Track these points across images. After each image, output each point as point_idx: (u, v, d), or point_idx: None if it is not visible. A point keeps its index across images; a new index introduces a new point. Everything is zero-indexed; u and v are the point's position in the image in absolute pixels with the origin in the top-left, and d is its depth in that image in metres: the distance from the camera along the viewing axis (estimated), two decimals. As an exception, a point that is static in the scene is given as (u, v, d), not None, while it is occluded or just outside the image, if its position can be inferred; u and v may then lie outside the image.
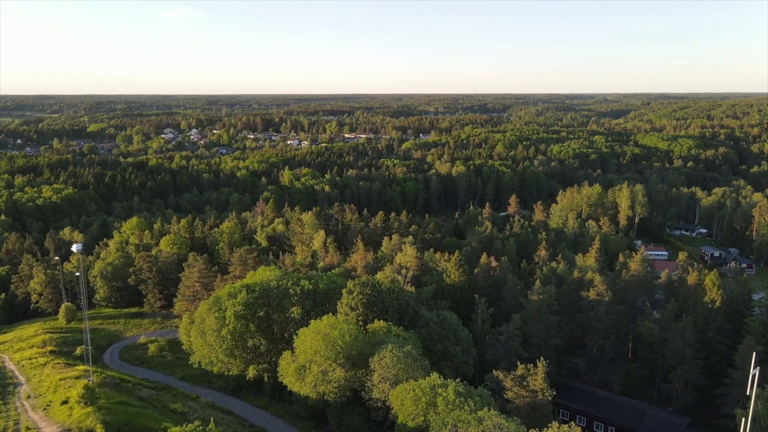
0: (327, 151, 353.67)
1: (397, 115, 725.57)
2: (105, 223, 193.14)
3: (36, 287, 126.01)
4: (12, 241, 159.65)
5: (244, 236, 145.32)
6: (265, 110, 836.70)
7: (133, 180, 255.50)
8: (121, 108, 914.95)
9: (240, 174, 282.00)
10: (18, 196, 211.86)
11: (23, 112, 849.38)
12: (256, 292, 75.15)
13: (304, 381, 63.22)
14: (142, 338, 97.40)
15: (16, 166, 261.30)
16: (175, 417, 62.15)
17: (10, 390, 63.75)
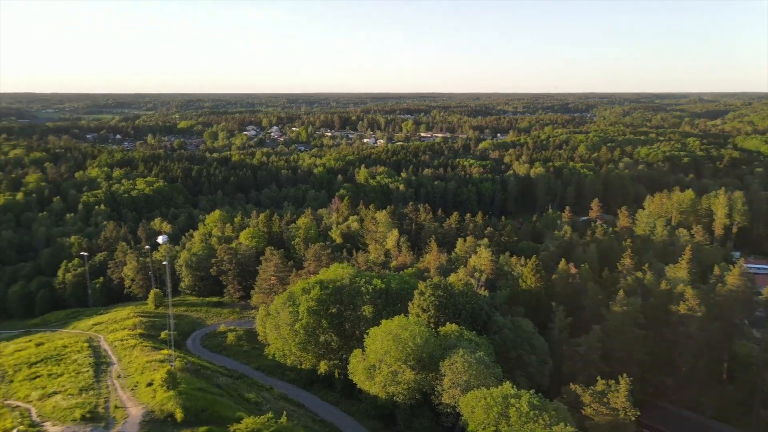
0: (402, 150, 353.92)
1: (475, 114, 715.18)
2: (191, 215, 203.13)
3: (129, 273, 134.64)
4: (110, 230, 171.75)
5: (319, 233, 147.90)
6: (342, 108, 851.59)
7: (217, 175, 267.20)
8: (208, 106, 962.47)
9: (317, 171, 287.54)
10: (116, 188, 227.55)
11: (122, 110, 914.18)
12: (329, 289, 75.93)
13: (373, 380, 63.07)
14: (222, 327, 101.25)
15: (114, 159, 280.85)
16: (249, 406, 63.89)
17: (104, 369, 67.93)
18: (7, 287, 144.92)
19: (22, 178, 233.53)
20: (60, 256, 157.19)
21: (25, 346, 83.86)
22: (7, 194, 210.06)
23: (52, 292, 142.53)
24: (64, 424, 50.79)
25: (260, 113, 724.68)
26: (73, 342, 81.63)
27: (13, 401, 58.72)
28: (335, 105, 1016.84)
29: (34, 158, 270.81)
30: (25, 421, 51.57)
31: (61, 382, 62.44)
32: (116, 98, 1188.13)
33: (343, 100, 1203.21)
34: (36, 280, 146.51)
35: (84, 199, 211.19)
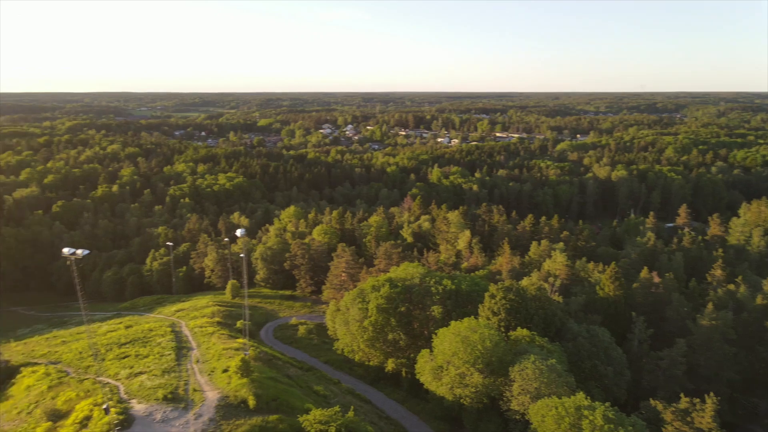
0: (477, 150, 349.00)
1: (553, 114, 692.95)
2: (267, 210, 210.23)
3: (209, 264, 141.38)
4: (193, 222, 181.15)
5: (390, 231, 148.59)
6: (417, 107, 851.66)
7: (293, 172, 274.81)
8: (286, 104, 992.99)
9: (390, 170, 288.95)
10: (199, 182, 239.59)
11: (207, 108, 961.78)
12: (398, 288, 76.05)
13: (440, 381, 62.52)
14: (293, 320, 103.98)
15: (199, 155, 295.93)
16: (317, 398, 65.16)
17: (184, 353, 71.62)
18: (102, 272, 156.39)
19: (118, 172, 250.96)
20: (148, 245, 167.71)
21: (116, 328, 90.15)
22: (104, 186, 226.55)
23: (140, 279, 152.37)
24: (148, 403, 54.00)
25: (336, 111, 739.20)
26: (157, 326, 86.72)
27: (105, 378, 63.18)
28: (410, 104, 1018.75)
29: (128, 153, 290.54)
30: (114, 398, 55.31)
31: (146, 363, 66.47)
32: (202, 97, 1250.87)
33: (418, 99, 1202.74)
34: (127, 267, 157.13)
35: (171, 192, 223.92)
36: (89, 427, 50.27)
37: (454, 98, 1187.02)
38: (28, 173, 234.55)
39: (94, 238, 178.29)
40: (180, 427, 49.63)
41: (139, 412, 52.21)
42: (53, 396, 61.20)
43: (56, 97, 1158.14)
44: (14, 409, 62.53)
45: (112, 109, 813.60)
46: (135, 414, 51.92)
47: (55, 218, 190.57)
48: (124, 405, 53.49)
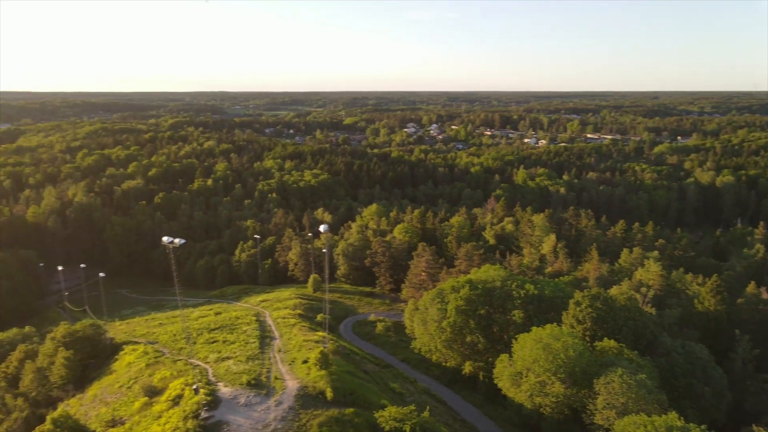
0: (566, 151, 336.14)
1: (651, 114, 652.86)
2: (350, 207, 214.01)
3: (293, 257, 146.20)
4: (279, 216, 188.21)
5: (472, 232, 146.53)
6: (504, 107, 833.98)
7: (376, 170, 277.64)
8: (372, 103, 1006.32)
9: (474, 170, 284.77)
10: (286, 178, 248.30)
11: (296, 107, 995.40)
12: (479, 290, 74.77)
13: (519, 388, 60.75)
14: (372, 316, 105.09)
15: (287, 152, 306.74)
16: (393, 396, 65.42)
17: (267, 342, 74.43)
18: (196, 261, 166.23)
19: (213, 167, 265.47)
20: (238, 237, 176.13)
21: (206, 314, 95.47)
22: (200, 180, 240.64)
23: (230, 269, 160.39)
24: (233, 387, 56.61)
25: (421, 111, 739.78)
26: (244, 315, 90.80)
27: (195, 360, 67.01)
28: (497, 104, 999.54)
29: (222, 149, 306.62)
30: (203, 379, 58.48)
31: (232, 349, 69.76)
32: (292, 96, 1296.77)
33: (505, 98, 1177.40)
34: (218, 257, 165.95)
35: (259, 187, 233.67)
36: (180, 404, 53.50)
37: (542, 98, 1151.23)
38: (135, 166, 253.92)
39: (190, 229, 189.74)
40: (261, 412, 51.58)
41: (224, 395, 54.84)
42: (150, 373, 65.81)
43: (161, 96, 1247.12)
44: (116, 383, 67.91)
45: (209, 108, 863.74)
46: (221, 396, 54.59)
47: (157, 209, 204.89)
48: (211, 387, 56.39)
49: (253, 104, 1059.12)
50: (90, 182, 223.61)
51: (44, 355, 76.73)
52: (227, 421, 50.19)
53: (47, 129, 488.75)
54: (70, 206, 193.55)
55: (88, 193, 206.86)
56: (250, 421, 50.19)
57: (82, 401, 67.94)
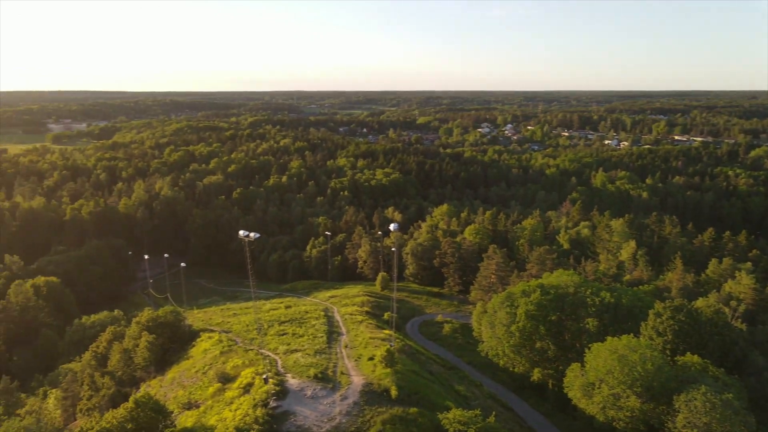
0: (650, 154, 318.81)
1: (748, 115, 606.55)
2: (420, 206, 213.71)
3: (362, 255, 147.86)
4: (350, 214, 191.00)
5: (545, 235, 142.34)
6: (583, 107, 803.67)
7: (448, 170, 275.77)
8: (446, 103, 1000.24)
9: (549, 172, 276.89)
10: (358, 177, 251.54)
11: (370, 106, 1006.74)
12: (550, 295, 72.42)
13: (591, 399, 58.21)
14: (439, 317, 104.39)
15: (359, 151, 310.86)
16: (458, 398, 64.66)
17: (335, 337, 75.72)
18: (269, 255, 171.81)
19: (288, 164, 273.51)
20: (309, 233, 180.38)
21: (277, 307, 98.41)
22: (275, 177, 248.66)
23: (301, 264, 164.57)
24: (300, 379, 57.99)
25: (495, 111, 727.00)
26: (313, 309, 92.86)
27: (266, 351, 69.23)
28: (576, 103, 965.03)
29: (297, 147, 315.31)
30: (272, 370, 60.32)
31: (301, 342, 71.49)
32: (366, 95, 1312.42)
33: (585, 98, 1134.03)
34: (290, 252, 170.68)
35: (332, 185, 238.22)
36: (251, 392, 55.45)
37: (626, 97, 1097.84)
38: (216, 162, 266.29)
39: (264, 224, 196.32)
40: (327, 406, 52.48)
41: (292, 386, 56.29)
42: (224, 361, 68.67)
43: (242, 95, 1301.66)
44: (193, 368, 71.40)
45: (286, 107, 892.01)
46: (289, 387, 56.07)
47: (234, 203, 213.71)
48: (280, 378, 58.05)
49: (329, 103, 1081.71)
50: (175, 177, 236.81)
51: (130, 337, 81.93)
52: (294, 412, 51.45)
53: (139, 126, 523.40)
54: (156, 199, 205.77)
55: (173, 187, 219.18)
56: (316, 413, 51.18)
57: (162, 383, 71.95)
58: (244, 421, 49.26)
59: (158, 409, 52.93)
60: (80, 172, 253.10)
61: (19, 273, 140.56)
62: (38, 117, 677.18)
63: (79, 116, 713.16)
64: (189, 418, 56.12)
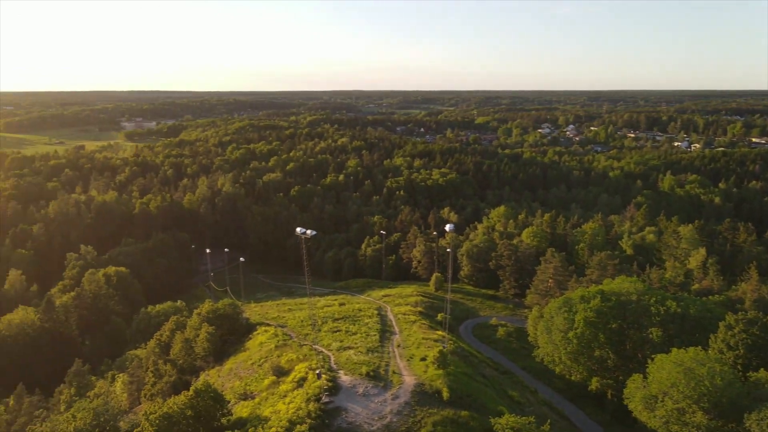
0: (724, 157, 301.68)
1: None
2: (477, 208, 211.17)
3: (416, 255, 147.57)
4: (405, 213, 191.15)
5: (607, 240, 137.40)
6: (651, 107, 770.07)
7: (506, 171, 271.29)
8: (506, 103, 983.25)
9: (613, 174, 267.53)
10: (414, 176, 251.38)
11: (428, 105, 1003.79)
12: (611, 302, 69.72)
13: (653, 413, 55.55)
14: (493, 320, 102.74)
15: (416, 150, 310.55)
16: (511, 404, 63.34)
17: (387, 336, 75.79)
18: (324, 252, 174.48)
19: (345, 163, 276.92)
20: (364, 231, 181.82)
21: (331, 303, 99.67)
22: (332, 175, 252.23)
23: (355, 262, 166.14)
24: (352, 376, 58.38)
25: (557, 111, 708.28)
26: (366, 307, 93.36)
27: (319, 347, 70.17)
28: (643, 103, 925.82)
29: (355, 146, 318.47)
30: (325, 366, 61.06)
31: (354, 340, 71.99)
32: (424, 95, 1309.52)
33: (653, 98, 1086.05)
34: (345, 250, 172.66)
35: (388, 184, 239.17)
36: (304, 387, 56.33)
37: (699, 97, 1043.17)
38: (275, 161, 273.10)
39: (321, 221, 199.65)
40: (378, 404, 52.58)
41: (344, 383, 56.75)
42: (278, 354, 70.15)
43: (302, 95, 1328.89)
44: (249, 360, 73.37)
45: (344, 106, 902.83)
46: (341, 384, 56.56)
47: (292, 201, 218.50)
48: (333, 374, 58.65)
49: (386, 103, 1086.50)
50: (236, 174, 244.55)
51: (191, 328, 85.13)
52: (345, 408, 51.85)
53: (204, 125, 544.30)
54: (218, 195, 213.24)
55: (234, 184, 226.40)
56: (367, 411, 51.37)
57: (219, 373, 74.35)
58: (297, 414, 50.08)
59: (216, 398, 54.64)
60: (149, 168, 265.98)
61: (92, 262, 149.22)
62: (113, 115, 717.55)
63: (149, 115, 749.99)
64: (244, 408, 57.63)
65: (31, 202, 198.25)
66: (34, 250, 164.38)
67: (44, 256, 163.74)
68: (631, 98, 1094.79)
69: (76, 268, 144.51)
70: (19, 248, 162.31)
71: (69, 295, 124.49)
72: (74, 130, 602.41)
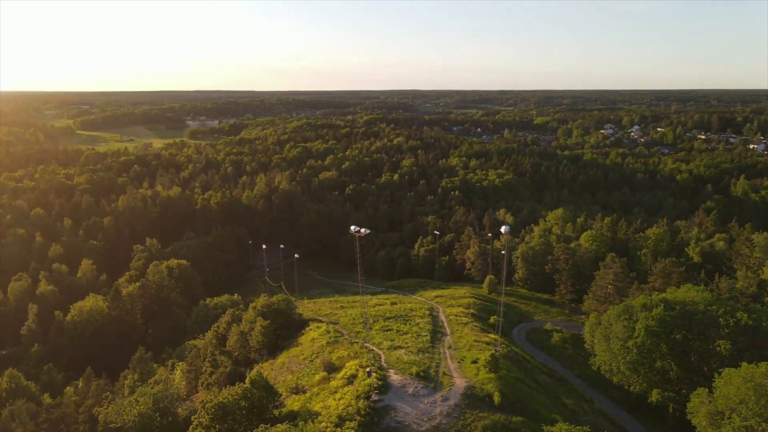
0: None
1: None
2: (534, 209, 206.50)
3: (470, 256, 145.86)
4: (460, 214, 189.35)
5: (672, 246, 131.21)
6: (725, 107, 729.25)
7: (565, 172, 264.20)
8: (566, 103, 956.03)
9: (680, 177, 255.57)
10: (470, 177, 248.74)
11: (486, 105, 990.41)
12: (675, 311, 66.43)
13: (719, 429, 52.48)
14: (548, 325, 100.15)
15: (472, 150, 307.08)
16: (564, 412, 61.62)
17: (438, 337, 75.29)
18: (377, 251, 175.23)
19: (400, 162, 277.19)
20: (418, 231, 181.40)
21: (383, 302, 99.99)
22: (387, 174, 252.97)
23: (408, 261, 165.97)
24: (402, 376, 58.32)
25: (621, 111, 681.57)
26: (418, 308, 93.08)
27: (370, 345, 70.49)
28: (716, 103, 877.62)
29: (410, 146, 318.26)
30: (376, 364, 61.28)
31: (405, 340, 71.92)
32: (482, 95, 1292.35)
33: (727, 97, 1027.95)
34: (398, 249, 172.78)
35: (443, 184, 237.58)
36: (354, 384, 56.74)
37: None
38: (331, 159, 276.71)
39: (374, 220, 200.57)
40: (428, 405, 52.27)
41: (394, 382, 56.77)
42: (330, 351, 70.99)
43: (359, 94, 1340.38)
44: (301, 355, 74.64)
45: (401, 106, 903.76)
46: (391, 383, 56.62)
47: (347, 199, 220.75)
48: (383, 373, 58.80)
49: (443, 102, 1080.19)
50: (293, 172, 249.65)
51: (246, 321, 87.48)
52: (395, 407, 51.85)
53: (263, 123, 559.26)
54: (275, 192, 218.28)
55: (290, 182, 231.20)
56: (416, 411, 51.17)
57: (273, 366, 76.03)
58: (346, 411, 50.50)
59: (269, 389, 55.87)
60: (211, 165, 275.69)
61: (156, 255, 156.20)
62: (179, 114, 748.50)
63: (212, 114, 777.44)
64: (296, 402, 58.63)
65: (102, 196, 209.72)
66: (105, 241, 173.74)
67: (113, 247, 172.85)
68: (702, 98, 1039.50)
69: (141, 260, 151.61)
70: (91, 239, 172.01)
71: (134, 285, 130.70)
72: (143, 128, 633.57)
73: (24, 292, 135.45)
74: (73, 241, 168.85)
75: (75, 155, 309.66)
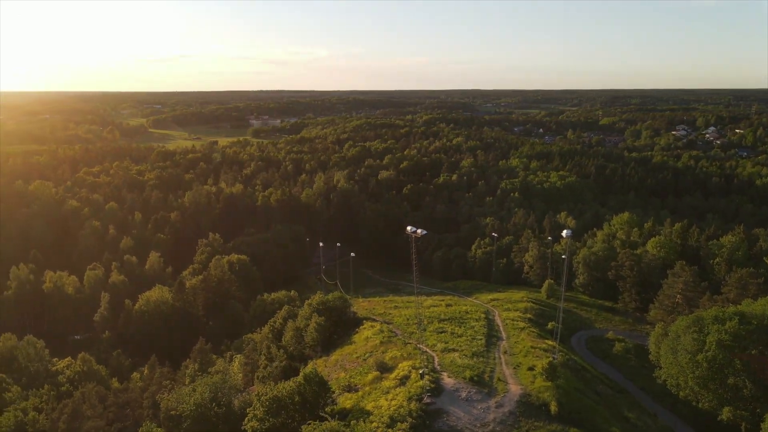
0: None
1: None
2: (597, 213, 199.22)
3: (528, 260, 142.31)
4: (519, 216, 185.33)
5: (749, 256, 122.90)
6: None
7: (632, 175, 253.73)
8: (635, 103, 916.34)
9: (760, 182, 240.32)
10: (530, 178, 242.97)
11: (548, 105, 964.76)
12: (752, 325, 62.17)
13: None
14: (610, 334, 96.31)
15: (534, 152, 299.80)
16: (626, 426, 59.04)
17: (493, 341, 73.79)
18: (434, 252, 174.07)
19: (459, 162, 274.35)
20: (475, 233, 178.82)
21: (438, 304, 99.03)
22: (445, 175, 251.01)
23: (464, 263, 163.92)
24: (456, 379, 57.45)
25: (695, 111, 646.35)
26: (473, 310, 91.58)
27: (423, 346, 69.87)
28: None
29: (469, 146, 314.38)
30: (429, 366, 60.69)
31: (459, 342, 70.86)
32: (544, 94, 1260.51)
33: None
34: (454, 250, 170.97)
35: (502, 186, 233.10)
36: (406, 385, 56.39)
37: None
38: (389, 159, 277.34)
39: (431, 220, 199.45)
40: (481, 410, 51.23)
41: (447, 385, 56.01)
42: (383, 351, 70.92)
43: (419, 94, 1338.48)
44: (355, 353, 74.95)
45: (461, 105, 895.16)
46: (444, 386, 55.90)
47: (404, 199, 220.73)
48: (436, 375, 58.16)
49: (504, 102, 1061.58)
50: (351, 171, 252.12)
51: (302, 317, 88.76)
52: (447, 411, 51.14)
53: (324, 122, 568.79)
54: (333, 191, 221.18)
55: (348, 181, 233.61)
56: (469, 416, 50.26)
57: (326, 363, 76.75)
58: (398, 411, 50.21)
59: (323, 385, 56.38)
60: (272, 164, 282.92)
61: (218, 249, 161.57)
62: (243, 113, 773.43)
63: (274, 113, 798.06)
64: (348, 400, 58.86)
65: (170, 191, 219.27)
66: (171, 235, 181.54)
67: (179, 240, 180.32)
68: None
69: (204, 254, 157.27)
70: (159, 233, 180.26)
71: (197, 278, 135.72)
72: (210, 127, 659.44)
73: (98, 280, 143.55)
74: (143, 234, 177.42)
75: (146, 152, 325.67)
